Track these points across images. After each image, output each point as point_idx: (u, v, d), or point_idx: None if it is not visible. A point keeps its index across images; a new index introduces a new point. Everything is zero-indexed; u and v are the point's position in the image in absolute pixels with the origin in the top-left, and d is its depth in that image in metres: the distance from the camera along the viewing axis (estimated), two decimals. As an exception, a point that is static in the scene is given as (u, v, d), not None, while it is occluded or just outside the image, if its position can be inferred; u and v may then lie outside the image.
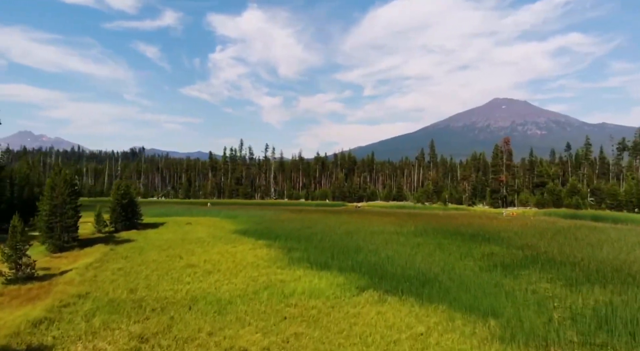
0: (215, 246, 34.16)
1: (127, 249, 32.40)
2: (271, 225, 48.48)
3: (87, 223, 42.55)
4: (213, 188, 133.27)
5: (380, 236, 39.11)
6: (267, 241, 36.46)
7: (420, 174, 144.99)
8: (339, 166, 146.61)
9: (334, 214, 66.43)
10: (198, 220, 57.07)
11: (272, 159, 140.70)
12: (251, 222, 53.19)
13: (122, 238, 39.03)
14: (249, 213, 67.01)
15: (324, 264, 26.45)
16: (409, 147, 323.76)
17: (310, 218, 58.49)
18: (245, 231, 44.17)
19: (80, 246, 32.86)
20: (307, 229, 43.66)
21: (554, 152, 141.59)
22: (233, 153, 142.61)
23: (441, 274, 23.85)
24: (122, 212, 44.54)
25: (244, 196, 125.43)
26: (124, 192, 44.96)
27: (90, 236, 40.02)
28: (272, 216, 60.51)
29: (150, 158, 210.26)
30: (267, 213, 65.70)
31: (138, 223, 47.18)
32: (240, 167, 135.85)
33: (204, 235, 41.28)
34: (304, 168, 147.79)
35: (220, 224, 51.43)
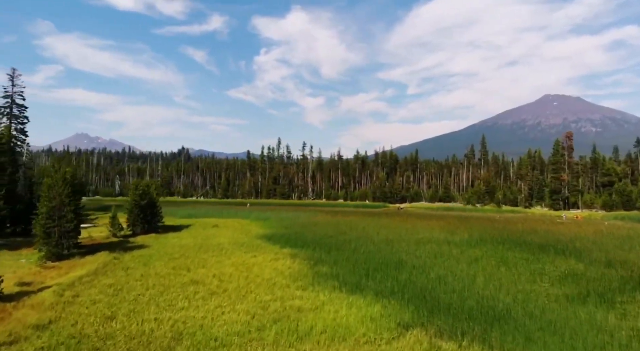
0: (233, 255, 29.69)
1: (132, 258, 28.57)
2: (301, 230, 43.62)
3: (105, 225, 39.59)
4: (251, 188, 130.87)
5: (427, 246, 33.15)
6: (293, 250, 31.57)
7: (470, 173, 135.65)
8: (380, 165, 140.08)
9: (373, 217, 60.70)
10: (226, 222, 53.33)
11: (310, 158, 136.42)
12: (280, 225, 48.63)
13: (135, 244, 35.52)
14: (281, 214, 62.67)
15: (356, 284, 21.12)
16: (455, 145, 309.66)
17: (346, 221, 53.15)
18: (271, 236, 39.59)
19: (83, 254, 29.42)
20: (341, 236, 38.36)
21: (617, 150, 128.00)
22: (271, 152, 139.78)
23: (513, 305, 17.89)
24: (140, 214, 41.28)
25: (281, 196, 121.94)
26: (142, 192, 41.69)
27: (103, 241, 36.88)
28: (305, 219, 55.73)
29: (190, 158, 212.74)
30: (300, 215, 61.02)
31: (159, 225, 43.85)
32: (277, 166, 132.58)
33: (225, 241, 37.09)
34: (343, 167, 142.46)
35: (247, 228, 47.25)
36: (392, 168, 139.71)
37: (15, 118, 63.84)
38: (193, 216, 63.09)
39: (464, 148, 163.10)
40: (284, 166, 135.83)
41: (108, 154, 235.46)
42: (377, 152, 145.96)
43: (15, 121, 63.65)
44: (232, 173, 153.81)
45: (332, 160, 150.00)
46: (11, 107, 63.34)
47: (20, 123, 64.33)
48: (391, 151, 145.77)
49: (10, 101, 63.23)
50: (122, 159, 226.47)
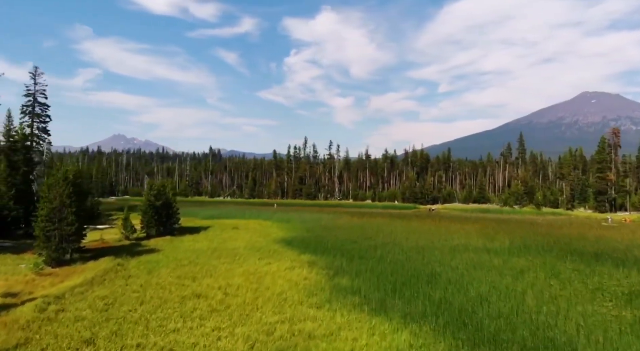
0: (246, 262, 27.10)
1: (138, 265, 26.41)
2: (324, 233, 40.68)
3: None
4: (277, 188, 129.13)
5: (464, 254, 29.53)
6: (312, 257, 28.67)
7: (506, 172, 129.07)
8: (410, 164, 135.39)
9: (402, 220, 57.06)
10: (247, 224, 51.07)
11: (337, 158, 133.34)
12: (302, 228, 45.85)
13: (146, 248, 33.54)
14: (304, 216, 59.96)
15: (381, 302, 17.99)
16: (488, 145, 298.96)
17: (372, 224, 49.83)
18: (291, 240, 36.85)
19: (87, 259, 27.54)
20: (366, 241, 35.13)
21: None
22: (297, 152, 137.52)
23: (574, 334, 14.37)
24: (155, 215, 39.42)
25: (307, 196, 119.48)
26: (157, 192, 39.82)
27: (113, 244, 35.15)
28: (329, 221, 52.78)
29: (221, 158, 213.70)
30: (324, 217, 58.09)
31: (175, 227, 41.94)
32: (303, 166, 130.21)
33: (241, 245, 34.64)
34: (370, 167, 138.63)
35: (267, 230, 44.73)
36: (423, 168, 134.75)
37: (37, 117, 63.85)
38: (215, 217, 61.33)
39: (497, 147, 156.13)
40: (310, 165, 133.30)
41: (141, 155, 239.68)
42: (407, 151, 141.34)
43: (37, 120, 63.64)
44: (259, 173, 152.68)
45: (359, 159, 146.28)
46: (33, 105, 63.34)
47: (42, 122, 64.24)
48: (422, 150, 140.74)
49: (32, 99, 63.27)
50: (155, 160, 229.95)
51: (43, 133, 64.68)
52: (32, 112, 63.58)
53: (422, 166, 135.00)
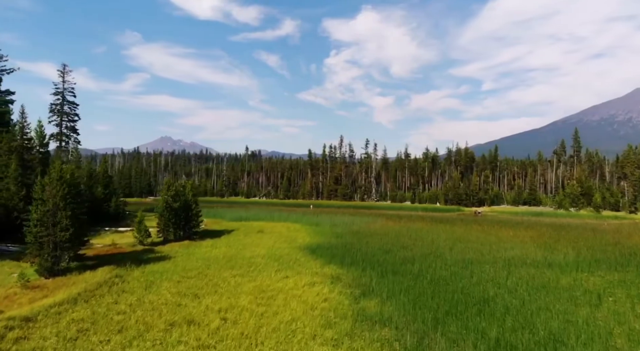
0: (260, 275, 23.53)
1: (139, 276, 23.44)
2: (354, 240, 36.52)
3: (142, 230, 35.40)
4: (311, 188, 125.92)
5: (521, 270, 24.54)
6: (337, 270, 24.68)
7: (559, 172, 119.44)
8: (454, 163, 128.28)
9: (445, 225, 51.87)
10: (274, 227, 47.75)
11: (375, 157, 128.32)
12: (332, 233, 41.86)
13: (157, 255, 30.74)
14: (336, 219, 55.95)
15: (419, 339, 13.76)
16: (536, 144, 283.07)
17: (411, 229, 45.10)
18: (317, 247, 33.00)
19: (85, 268, 24.87)
20: (402, 251, 30.61)
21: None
22: (332, 151, 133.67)
23: None
24: (173, 218, 36.73)
25: (342, 197, 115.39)
26: (175, 193, 37.13)
27: (124, 250, 32.67)
28: (362, 225, 48.50)
29: (257, 159, 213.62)
30: (358, 221, 53.80)
31: (196, 231, 39.16)
32: (339, 166, 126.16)
33: (262, 252, 31.18)
34: (410, 166, 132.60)
35: (293, 235, 41.13)
36: (468, 167, 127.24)
37: (66, 115, 63.52)
38: (243, 219, 58.56)
39: (545, 146, 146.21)
40: (346, 165, 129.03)
41: (179, 156, 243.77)
42: (450, 149, 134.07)
43: (65, 119, 63.32)
44: (295, 173, 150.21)
45: (398, 159, 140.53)
46: (62, 104, 63.05)
47: (70, 120, 63.95)
48: (467, 148, 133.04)
49: (61, 98, 63.00)
50: (193, 160, 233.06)
51: (72, 132, 64.43)
52: (61, 111, 63.41)
53: (466, 165, 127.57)
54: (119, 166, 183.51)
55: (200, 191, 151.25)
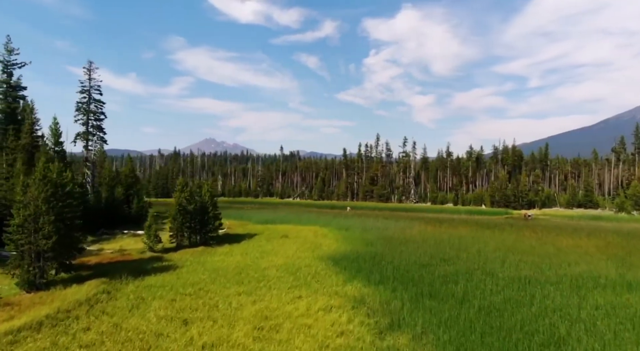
0: (269, 293, 19.88)
1: (130, 292, 20.39)
2: (387, 249, 32.12)
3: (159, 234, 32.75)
4: (346, 189, 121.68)
5: (595, 294, 19.42)
6: (361, 288, 20.58)
7: (618, 172, 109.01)
8: (501, 162, 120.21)
9: (492, 230, 46.37)
10: (300, 231, 44.12)
11: (414, 156, 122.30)
12: (361, 240, 37.61)
13: (163, 264, 27.80)
14: (368, 222, 51.56)
15: None
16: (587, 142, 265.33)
17: (453, 236, 40.11)
18: (342, 257, 28.97)
19: (75, 280, 22.08)
20: (442, 266, 25.94)
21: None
22: (368, 150, 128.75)
23: None
24: (187, 222, 33.85)
25: (378, 198, 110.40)
26: (189, 194, 34.21)
27: (130, 257, 30.02)
28: (397, 231, 43.89)
29: (291, 158, 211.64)
30: (393, 225, 49.16)
31: (212, 236, 36.15)
32: (375, 165, 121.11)
33: (278, 262, 27.57)
34: (452, 166, 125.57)
35: (319, 241, 37.28)
36: (515, 167, 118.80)
37: (92, 114, 62.64)
38: (270, 221, 55.40)
39: (598, 145, 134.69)
40: (383, 165, 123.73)
41: (222, 157, 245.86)
42: (496, 147, 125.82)
43: (92, 117, 62.44)
44: (329, 174, 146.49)
45: (439, 158, 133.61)
46: (89, 102, 62.20)
47: (96, 119, 63.00)
48: (514, 146, 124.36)
49: (87, 96, 62.17)
50: (229, 160, 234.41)
51: (98, 131, 63.50)
52: (88, 109, 62.56)
53: (514, 164, 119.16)
54: (158, 167, 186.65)
55: (235, 191, 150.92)
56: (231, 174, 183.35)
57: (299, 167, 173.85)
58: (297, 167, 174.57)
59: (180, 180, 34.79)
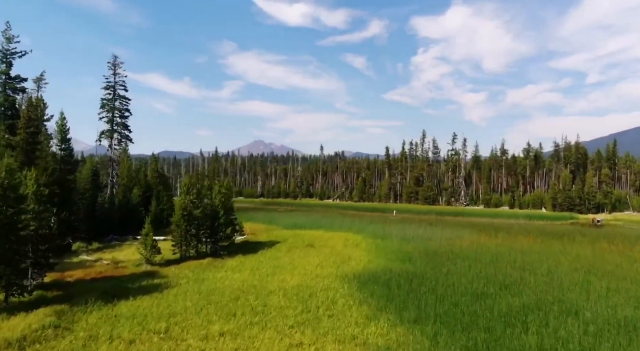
0: (258, 339, 14.76)
1: (83, 326, 16.04)
2: (429, 268, 26.01)
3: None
4: (389, 190, 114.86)
5: None
6: (391, 330, 14.95)
7: None
8: (564, 160, 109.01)
9: (561, 241, 38.84)
10: (329, 240, 38.88)
11: (464, 155, 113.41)
12: (399, 253, 31.59)
13: (154, 282, 23.43)
14: (410, 229, 45.28)
15: None
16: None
17: (514, 250, 33.23)
18: (371, 277, 23.35)
19: (31, 306, 17.94)
20: (504, 296, 19.37)
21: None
22: (413, 148, 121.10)
23: None
24: (193, 229, 29.48)
25: (424, 200, 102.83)
26: (196, 197, 29.84)
27: (121, 272, 25.94)
28: (444, 241, 37.45)
29: (333, 158, 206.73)
30: (439, 234, 42.61)
31: (223, 245, 31.59)
32: (421, 165, 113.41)
33: (291, 283, 22.48)
34: (507, 165, 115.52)
35: (348, 253, 31.78)
36: (579, 166, 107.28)
37: (117, 111, 60.39)
38: (299, 226, 50.41)
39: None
40: (429, 164, 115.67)
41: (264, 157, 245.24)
42: (557, 144, 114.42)
43: (117, 114, 60.18)
44: (371, 174, 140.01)
45: (493, 156, 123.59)
46: (114, 98, 59.99)
47: (121, 116, 60.72)
48: (577, 143, 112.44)
49: (112, 92, 59.97)
50: (269, 161, 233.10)
51: (123, 129, 61.18)
52: (113, 107, 60.33)
53: (577, 163, 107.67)
54: (200, 168, 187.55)
55: (274, 192, 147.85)
56: (271, 175, 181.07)
57: (339, 168, 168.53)
58: (337, 168, 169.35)
59: (185, 181, 30.37)
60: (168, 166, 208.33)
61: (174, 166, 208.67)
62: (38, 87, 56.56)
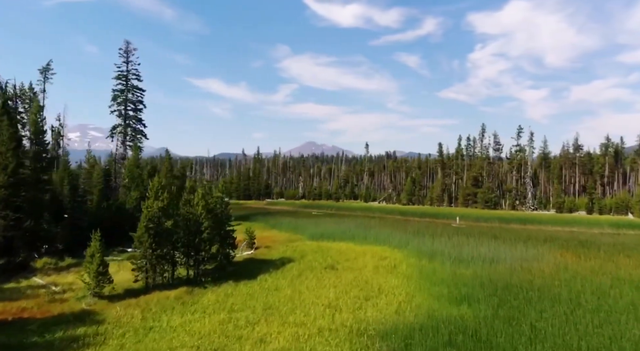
0: None
1: None
2: (501, 321, 16.50)
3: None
4: (442, 192, 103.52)
5: None
6: None
7: None
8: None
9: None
10: (358, 258, 30.35)
11: (530, 151, 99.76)
12: (453, 285, 22.07)
13: (76, 332, 15.99)
14: (466, 245, 35.27)
15: None
16: None
17: (619, 279, 22.82)
18: (406, 336, 14.56)
19: None
20: None
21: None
22: (470, 144, 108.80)
23: None
24: (163, 248, 21.97)
25: (483, 203, 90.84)
26: (166, 205, 22.29)
27: (51, 311, 18.82)
28: (516, 264, 27.37)
29: (383, 158, 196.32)
30: (508, 252, 32.28)
31: (206, 270, 23.92)
32: (479, 163, 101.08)
33: (272, 347, 14.20)
34: (582, 163, 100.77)
35: (378, 281, 23.03)
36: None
37: (131, 103, 54.92)
38: (326, 236, 42.00)
39: None
40: (489, 162, 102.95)
41: (309, 158, 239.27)
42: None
43: (130, 106, 54.70)
44: (422, 174, 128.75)
45: (564, 154, 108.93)
46: (127, 89, 54.55)
47: (135, 109, 55.18)
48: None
49: (124, 82, 54.53)
50: (312, 161, 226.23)
51: (137, 123, 55.66)
52: (125, 98, 54.95)
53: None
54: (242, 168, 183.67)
55: (315, 193, 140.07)
56: (315, 176, 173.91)
57: (387, 167, 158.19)
58: (385, 167, 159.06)
59: (155, 180, 22.73)
60: (217, 167, 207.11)
61: (221, 168, 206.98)
62: (44, 77, 52.32)
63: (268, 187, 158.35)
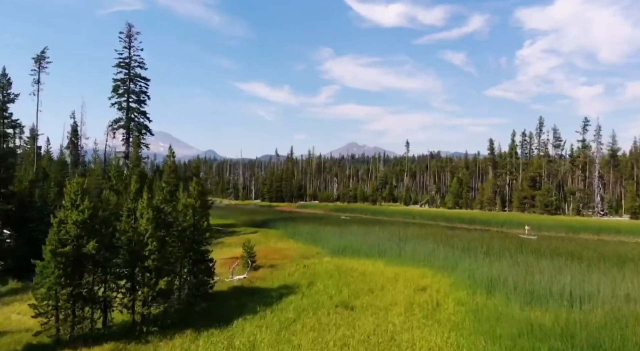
0: None
1: None
2: None
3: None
4: (494, 194, 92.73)
5: None
6: None
7: None
8: None
9: None
10: (387, 290, 22.71)
11: (598, 148, 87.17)
12: (524, 343, 13.96)
13: None
14: (536, 266, 26.28)
15: None
16: None
17: None
18: None
19: None
20: None
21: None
22: (526, 141, 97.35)
23: None
24: (72, 284, 14.91)
25: (543, 207, 79.56)
26: (90, 216, 15.28)
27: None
28: (607, 302, 18.47)
29: (422, 158, 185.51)
30: (593, 281, 23.06)
31: (172, 311, 16.76)
32: (537, 162, 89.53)
33: None
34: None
35: (409, 340, 15.06)
36: None
37: (133, 94, 49.24)
38: (349, 251, 34.20)
39: None
40: (549, 160, 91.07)
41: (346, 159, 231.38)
42: None
43: (132, 97, 49.00)
44: (470, 174, 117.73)
45: (635, 151, 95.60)
46: (129, 78, 48.91)
47: (138, 100, 49.42)
48: None
49: (127, 71, 48.89)
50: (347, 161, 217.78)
51: (141, 116, 49.93)
52: (127, 89, 49.31)
53: None
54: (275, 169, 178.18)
55: (349, 196, 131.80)
56: (352, 177, 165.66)
57: (430, 167, 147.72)
58: (427, 168, 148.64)
59: (73, 182, 15.61)
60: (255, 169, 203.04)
61: (258, 169, 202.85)
62: (39, 66, 47.47)
63: (301, 188, 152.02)
